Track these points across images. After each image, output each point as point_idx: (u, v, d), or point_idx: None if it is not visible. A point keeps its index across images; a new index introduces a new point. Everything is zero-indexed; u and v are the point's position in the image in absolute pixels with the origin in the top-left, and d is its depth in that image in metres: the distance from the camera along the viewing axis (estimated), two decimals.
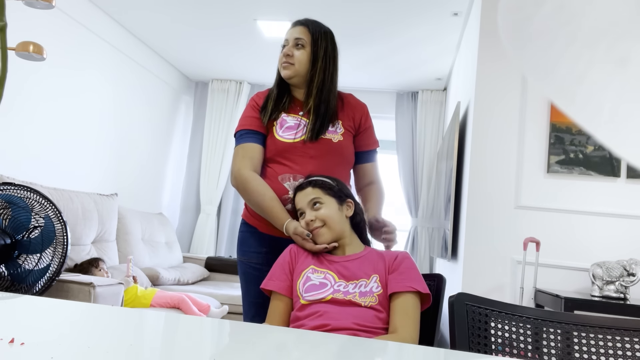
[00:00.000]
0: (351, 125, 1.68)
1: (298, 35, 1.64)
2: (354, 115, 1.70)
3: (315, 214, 1.43)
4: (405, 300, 1.30)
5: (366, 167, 1.73)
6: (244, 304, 1.67)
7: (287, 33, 1.68)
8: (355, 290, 1.32)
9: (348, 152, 1.66)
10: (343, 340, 0.74)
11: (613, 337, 0.99)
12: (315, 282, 1.34)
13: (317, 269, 1.38)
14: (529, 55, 0.27)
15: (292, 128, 1.63)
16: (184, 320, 0.80)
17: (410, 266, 1.36)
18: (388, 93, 5.53)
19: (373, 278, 1.34)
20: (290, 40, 1.65)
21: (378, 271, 1.36)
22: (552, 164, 2.79)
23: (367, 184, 1.74)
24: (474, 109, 2.95)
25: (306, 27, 1.65)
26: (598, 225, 2.73)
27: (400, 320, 1.27)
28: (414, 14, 3.78)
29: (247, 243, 1.68)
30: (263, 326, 0.81)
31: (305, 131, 1.61)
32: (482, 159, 2.89)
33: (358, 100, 1.75)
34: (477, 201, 2.87)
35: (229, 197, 5.64)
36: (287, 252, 1.45)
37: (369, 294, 1.31)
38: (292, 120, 1.64)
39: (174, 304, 3.30)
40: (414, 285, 1.31)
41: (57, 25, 3.69)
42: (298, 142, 1.60)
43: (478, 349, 1.03)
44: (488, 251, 2.82)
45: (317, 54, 1.64)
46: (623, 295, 2.38)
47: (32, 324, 0.66)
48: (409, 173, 5.31)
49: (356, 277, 1.35)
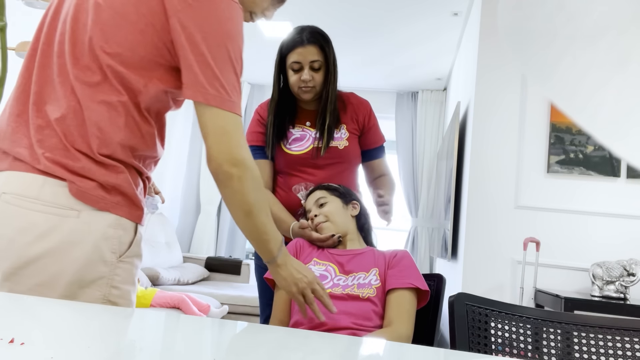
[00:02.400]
0: (355, 127, 1.69)
1: (313, 57, 1.59)
2: (357, 117, 1.70)
3: (319, 210, 1.48)
4: (401, 295, 1.31)
5: (374, 164, 1.76)
6: (261, 305, 1.70)
7: (297, 54, 1.59)
8: (354, 282, 1.34)
9: (354, 155, 1.68)
10: (344, 341, 0.74)
11: (613, 337, 0.99)
12: (316, 274, 1.36)
13: (319, 261, 1.41)
14: (529, 55, 0.27)
15: (299, 140, 1.65)
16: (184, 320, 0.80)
17: (410, 264, 1.38)
18: (388, 93, 5.53)
19: (372, 271, 1.36)
20: (305, 64, 1.59)
21: (378, 266, 1.38)
22: (552, 164, 2.79)
23: (377, 177, 1.77)
24: (474, 109, 2.95)
25: (318, 46, 1.60)
26: (598, 225, 2.73)
27: (396, 314, 1.28)
28: (414, 14, 3.78)
29: None
30: (263, 326, 0.81)
31: (312, 142, 1.64)
32: (482, 159, 2.89)
33: (360, 99, 1.75)
34: (477, 201, 2.87)
35: None
36: (292, 244, 1.48)
37: (367, 285, 1.33)
38: (298, 131, 1.67)
39: (174, 304, 3.30)
40: (413, 281, 1.32)
41: None
42: (306, 153, 1.63)
43: (478, 349, 1.04)
44: (488, 251, 2.82)
45: (330, 71, 1.63)
46: (623, 295, 2.38)
47: (32, 324, 0.66)
48: (409, 173, 5.31)
49: (355, 270, 1.37)
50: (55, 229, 0.92)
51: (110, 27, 0.96)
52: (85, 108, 0.96)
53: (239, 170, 0.98)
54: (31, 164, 0.94)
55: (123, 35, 0.96)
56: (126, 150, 0.99)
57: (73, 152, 0.94)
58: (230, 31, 0.97)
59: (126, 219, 0.98)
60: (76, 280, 0.94)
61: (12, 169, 0.95)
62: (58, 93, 0.97)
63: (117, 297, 0.99)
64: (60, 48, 0.99)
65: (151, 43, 0.96)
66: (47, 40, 1.02)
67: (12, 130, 0.98)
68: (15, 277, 0.92)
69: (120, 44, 0.96)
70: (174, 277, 4.16)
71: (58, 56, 0.99)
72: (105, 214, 0.96)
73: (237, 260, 4.91)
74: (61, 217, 0.92)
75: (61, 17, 1.03)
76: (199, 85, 0.95)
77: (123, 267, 0.99)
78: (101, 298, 0.97)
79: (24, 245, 0.91)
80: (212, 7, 0.95)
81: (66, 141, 0.95)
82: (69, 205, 0.93)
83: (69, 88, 0.97)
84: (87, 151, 0.95)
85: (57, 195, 0.93)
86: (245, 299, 3.99)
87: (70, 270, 0.93)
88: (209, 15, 0.95)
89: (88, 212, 0.94)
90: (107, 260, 0.96)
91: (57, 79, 0.98)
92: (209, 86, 0.95)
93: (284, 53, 1.63)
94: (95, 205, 0.94)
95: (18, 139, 0.97)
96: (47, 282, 0.92)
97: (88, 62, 0.97)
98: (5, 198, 0.93)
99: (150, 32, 0.96)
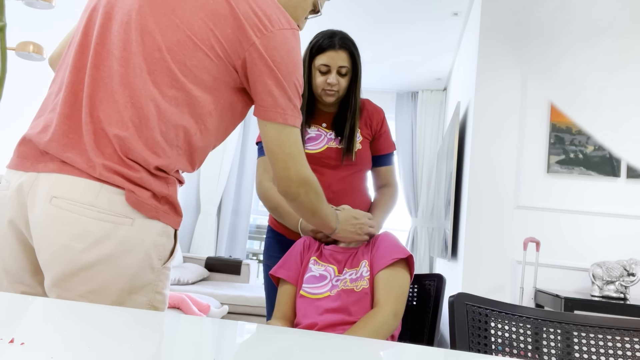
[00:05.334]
0: (368, 132, 1.73)
1: (342, 63, 1.61)
2: (372, 123, 1.74)
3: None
4: (387, 273, 1.32)
5: (382, 170, 1.78)
6: (268, 305, 1.72)
7: (328, 57, 1.62)
8: (348, 277, 1.36)
9: (366, 159, 1.70)
10: (344, 341, 0.74)
11: (613, 337, 0.99)
12: (315, 274, 1.39)
13: (319, 262, 1.42)
14: (529, 55, 0.27)
15: (313, 139, 1.66)
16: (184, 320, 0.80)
17: (389, 242, 1.40)
18: (388, 93, 5.53)
19: (362, 263, 1.38)
20: (334, 68, 1.61)
21: (365, 257, 1.40)
22: (552, 164, 2.79)
23: (382, 186, 1.79)
24: (474, 109, 2.95)
25: (348, 53, 1.62)
26: (598, 225, 2.73)
27: (382, 294, 1.29)
28: (414, 14, 3.78)
29: (273, 248, 1.73)
30: (264, 326, 0.81)
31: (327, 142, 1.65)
32: (482, 159, 2.89)
33: (375, 106, 1.79)
34: (477, 201, 2.87)
35: (229, 197, 5.64)
36: (300, 242, 1.49)
37: (360, 278, 1.35)
38: (313, 131, 1.68)
39: (174, 304, 3.29)
40: (393, 255, 1.34)
41: (57, 25, 3.69)
42: (321, 153, 1.64)
43: (478, 349, 1.04)
44: (488, 251, 2.82)
45: (356, 78, 1.65)
46: (623, 295, 2.38)
47: (32, 324, 0.66)
48: (409, 173, 5.31)
49: (349, 267, 1.40)
50: (110, 236, 0.92)
51: (186, 48, 0.98)
52: (146, 125, 0.96)
53: (305, 188, 1.13)
54: (85, 170, 0.93)
55: (198, 58, 0.98)
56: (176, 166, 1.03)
57: (130, 163, 0.95)
58: (297, 60, 1.06)
59: (170, 226, 1.01)
60: (127, 287, 0.94)
61: (62, 172, 0.94)
62: (118, 103, 0.96)
63: (160, 302, 1.01)
64: (124, 55, 0.98)
65: (223, 66, 1.00)
66: (100, 42, 1.00)
67: (63, 132, 0.96)
68: (66, 284, 0.92)
69: (196, 65, 0.98)
70: (174, 277, 4.16)
71: (121, 64, 0.97)
72: (155, 222, 0.97)
73: (237, 260, 4.91)
74: (116, 225, 0.92)
75: (116, 18, 1.01)
76: (279, 107, 1.04)
77: (165, 273, 1.01)
78: (147, 304, 0.98)
79: (78, 251, 0.91)
80: (284, 37, 1.03)
81: (121, 151, 0.94)
82: (124, 213, 0.93)
83: (131, 100, 0.96)
84: (142, 163, 0.96)
85: (113, 202, 0.93)
86: (245, 299, 3.99)
87: (122, 277, 0.93)
88: (282, 46, 1.02)
89: (141, 220, 0.95)
90: (155, 267, 0.98)
91: (118, 88, 0.96)
92: (286, 108, 1.05)
93: (313, 54, 1.65)
94: (148, 214, 0.96)
95: (69, 143, 0.95)
96: (98, 289, 0.92)
97: (159, 80, 0.97)
98: (56, 202, 0.92)
99: (224, 56, 1.00)
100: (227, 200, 5.63)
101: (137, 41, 0.97)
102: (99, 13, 1.03)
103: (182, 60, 0.97)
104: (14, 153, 1.03)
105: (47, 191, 0.93)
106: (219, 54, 0.99)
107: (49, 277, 0.93)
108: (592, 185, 2.76)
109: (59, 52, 1.17)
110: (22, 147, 1.01)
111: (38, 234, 0.93)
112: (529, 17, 0.27)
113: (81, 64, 1.00)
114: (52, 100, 1.02)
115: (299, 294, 1.37)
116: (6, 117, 3.30)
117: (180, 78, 0.97)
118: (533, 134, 2.84)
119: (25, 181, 0.96)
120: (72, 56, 1.01)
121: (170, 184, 1.00)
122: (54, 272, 0.92)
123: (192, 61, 0.98)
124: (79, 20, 1.07)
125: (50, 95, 1.04)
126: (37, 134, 0.98)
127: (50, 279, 0.93)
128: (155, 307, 1.00)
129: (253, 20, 0.99)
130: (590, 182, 2.76)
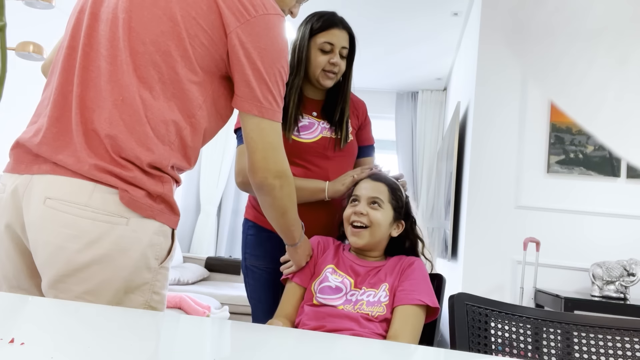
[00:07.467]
0: (356, 122, 1.70)
1: (345, 44, 1.55)
2: (358, 113, 1.72)
3: (369, 210, 1.35)
4: (408, 310, 1.26)
5: (366, 161, 1.74)
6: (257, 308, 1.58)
7: (332, 35, 1.53)
8: (364, 298, 1.29)
9: (356, 149, 1.68)
10: (344, 341, 0.74)
11: (613, 337, 0.99)
12: (332, 285, 1.33)
13: (337, 271, 1.36)
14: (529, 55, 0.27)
15: (307, 127, 1.58)
16: (184, 320, 0.80)
17: (421, 277, 1.32)
18: (388, 93, 5.53)
19: (382, 287, 1.31)
20: (337, 47, 1.54)
21: (388, 280, 1.33)
22: (552, 164, 2.79)
23: None
24: (474, 109, 2.95)
25: (349, 35, 1.56)
26: (598, 225, 2.73)
27: (400, 327, 1.24)
28: (414, 14, 3.78)
29: (260, 248, 1.58)
30: (264, 326, 0.81)
31: (321, 132, 1.58)
32: (482, 159, 2.89)
33: (357, 98, 1.77)
34: (477, 201, 2.87)
35: (229, 196, 5.64)
36: (315, 240, 1.43)
37: (377, 303, 1.28)
38: (306, 119, 1.59)
39: (174, 304, 3.29)
40: (422, 298, 1.27)
41: (57, 25, 3.69)
42: (316, 142, 1.56)
43: (478, 349, 1.04)
44: (488, 251, 2.82)
45: (351, 64, 1.60)
46: (623, 295, 2.38)
47: (32, 324, 0.66)
48: (409, 173, 5.31)
49: (367, 285, 1.32)
50: (105, 236, 0.91)
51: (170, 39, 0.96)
52: (137, 121, 0.95)
53: (281, 181, 1.08)
54: (77, 171, 0.92)
55: (183, 47, 0.96)
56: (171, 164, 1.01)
57: (122, 162, 0.94)
58: (282, 47, 1.02)
59: (167, 225, 1.00)
60: (123, 287, 0.94)
61: (56, 173, 0.93)
62: (106, 101, 0.95)
63: (157, 302, 1.00)
64: (111, 53, 0.97)
65: (209, 55, 0.99)
66: (88, 42, 0.99)
67: (53, 135, 0.95)
68: (62, 285, 0.91)
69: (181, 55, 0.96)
70: (174, 277, 4.16)
71: (109, 62, 0.97)
72: (151, 221, 0.96)
73: (237, 260, 4.90)
74: (111, 225, 0.92)
75: (102, 18, 1.00)
76: (255, 99, 1.00)
77: (162, 272, 1.00)
78: (144, 304, 0.98)
79: (73, 252, 0.90)
80: (267, 23, 1.00)
81: (113, 151, 0.94)
82: (119, 212, 0.92)
83: (120, 97, 0.95)
84: (135, 161, 0.94)
85: (107, 202, 0.92)
86: (245, 299, 3.99)
87: (118, 277, 0.93)
88: (265, 32, 0.99)
89: (136, 219, 0.94)
90: (151, 267, 0.97)
91: (107, 86, 0.95)
92: (263, 100, 1.01)
93: (314, 31, 1.54)
94: (143, 213, 0.95)
95: (60, 146, 0.95)
96: (95, 289, 0.92)
97: (145, 74, 0.96)
98: (50, 204, 0.91)
99: (209, 45, 0.98)
100: (227, 200, 5.63)
101: (123, 37, 0.97)
102: (85, 14, 1.02)
103: (167, 51, 0.96)
104: (9, 157, 1.02)
105: (41, 192, 0.92)
106: (204, 42, 0.97)
107: (46, 279, 0.93)
108: (592, 185, 2.76)
109: (50, 60, 1.16)
110: (16, 151, 1.00)
111: (34, 235, 0.93)
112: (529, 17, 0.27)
113: (69, 66, 1.00)
114: (45, 106, 1.02)
115: (312, 301, 1.32)
116: (6, 117, 3.30)
117: (165, 70, 0.96)
118: (533, 134, 2.84)
119: (20, 184, 0.96)
120: (61, 59, 1.01)
121: (165, 182, 0.99)
122: (50, 274, 0.92)
123: (177, 51, 0.96)
124: (67, 24, 1.06)
125: (43, 101, 1.04)
126: (29, 138, 0.98)
127: (47, 281, 0.92)
128: (152, 307, 0.99)
129: (236, 6, 0.97)
130: (590, 182, 2.76)
